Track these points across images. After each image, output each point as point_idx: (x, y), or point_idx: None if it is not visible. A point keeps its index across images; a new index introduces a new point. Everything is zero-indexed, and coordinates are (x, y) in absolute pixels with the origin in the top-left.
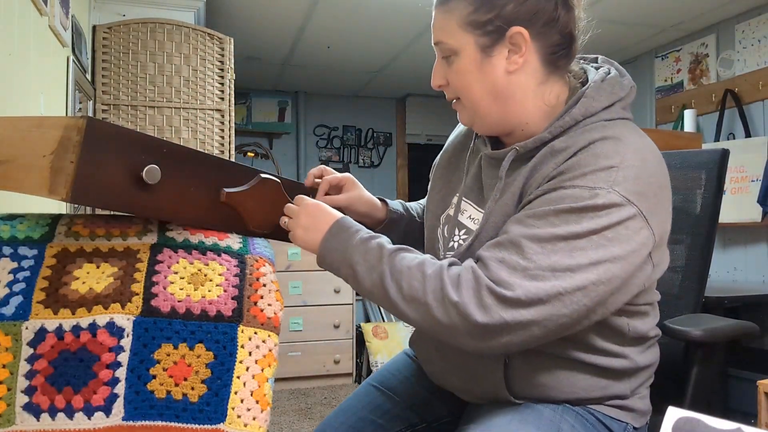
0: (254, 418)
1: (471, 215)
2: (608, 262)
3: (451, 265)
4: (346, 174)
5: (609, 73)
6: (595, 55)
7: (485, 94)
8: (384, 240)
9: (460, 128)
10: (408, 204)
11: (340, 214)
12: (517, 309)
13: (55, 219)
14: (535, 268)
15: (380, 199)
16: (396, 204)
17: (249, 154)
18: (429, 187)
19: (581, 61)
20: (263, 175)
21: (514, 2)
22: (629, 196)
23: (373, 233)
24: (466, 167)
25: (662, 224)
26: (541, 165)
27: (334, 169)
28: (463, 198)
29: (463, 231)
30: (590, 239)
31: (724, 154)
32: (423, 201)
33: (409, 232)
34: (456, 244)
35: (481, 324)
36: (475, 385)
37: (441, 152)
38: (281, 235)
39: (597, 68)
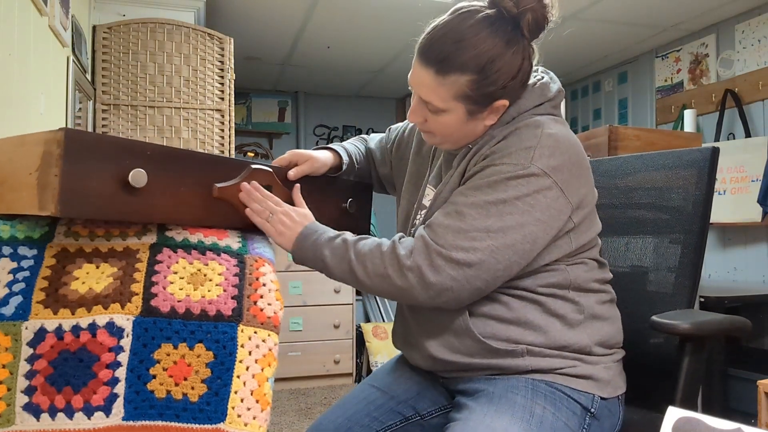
0: (254, 418)
1: (432, 197)
2: (531, 224)
3: (401, 239)
4: (295, 152)
5: (542, 79)
6: (536, 66)
7: (461, 138)
8: (347, 235)
9: None
10: (353, 153)
11: (308, 220)
12: (462, 267)
13: (54, 219)
14: (473, 230)
15: (331, 150)
16: (344, 155)
17: (249, 154)
18: (405, 180)
19: None
20: (254, 166)
21: (509, 79)
22: (546, 169)
23: (338, 232)
24: (431, 159)
25: (577, 193)
26: (480, 148)
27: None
28: (428, 185)
29: (423, 211)
30: (515, 205)
31: (714, 152)
32: (372, 143)
33: (360, 177)
34: (418, 221)
35: (434, 282)
36: (449, 338)
37: (413, 141)
38: None
39: (534, 76)
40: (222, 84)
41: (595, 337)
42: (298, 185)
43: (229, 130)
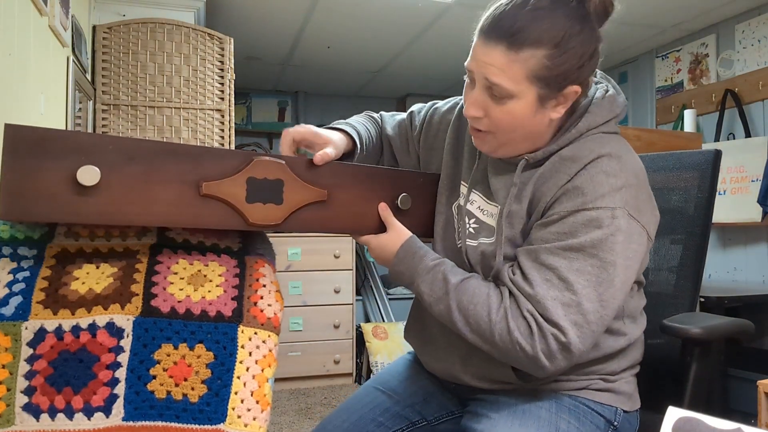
0: (254, 418)
1: (480, 206)
2: (631, 278)
3: (511, 299)
4: (305, 133)
5: (608, 91)
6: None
7: (524, 136)
8: (447, 268)
9: (458, 106)
10: (364, 138)
11: (404, 238)
12: (577, 347)
13: None
14: (586, 301)
15: (342, 132)
16: (357, 139)
17: (251, 151)
18: (441, 175)
19: None
20: (261, 157)
21: (587, 58)
22: (634, 214)
23: (436, 259)
24: (477, 157)
25: (653, 229)
26: (552, 173)
27: None
28: (473, 189)
29: (473, 220)
30: (621, 265)
31: (717, 155)
32: (388, 128)
33: (365, 160)
34: (467, 232)
35: (547, 366)
36: (480, 367)
37: (446, 130)
38: (295, 226)
39: (596, 83)
40: (222, 84)
41: (623, 364)
42: (384, 204)
43: (229, 130)
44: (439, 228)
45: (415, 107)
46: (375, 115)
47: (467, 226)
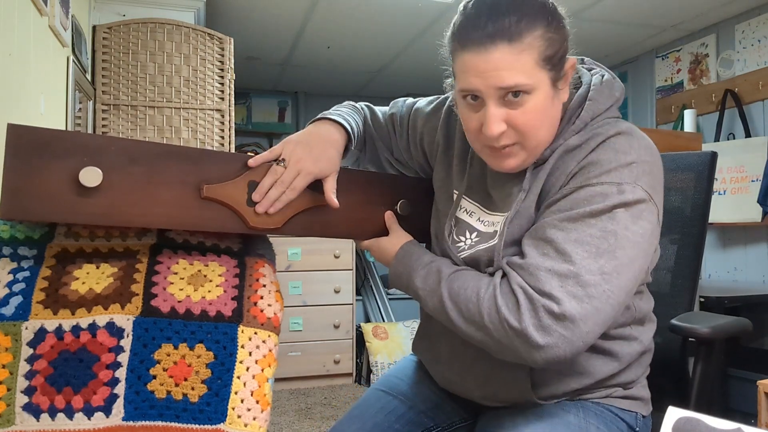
0: (254, 418)
1: (480, 218)
2: (640, 258)
3: (503, 278)
4: (308, 169)
5: (604, 76)
6: (580, 56)
7: (548, 130)
8: (443, 263)
9: (443, 107)
10: (356, 135)
11: (404, 241)
12: (576, 324)
13: None
14: (585, 272)
15: (335, 123)
16: (353, 138)
17: (249, 154)
18: (434, 175)
19: None
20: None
21: (568, 33)
22: (649, 191)
23: (433, 257)
24: (468, 165)
25: (661, 211)
26: (560, 163)
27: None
28: (469, 199)
29: (474, 234)
30: (626, 237)
31: (713, 157)
32: (372, 129)
33: (360, 160)
34: (468, 244)
35: (542, 345)
36: (498, 390)
37: (435, 127)
38: (296, 230)
39: (589, 70)
40: (222, 84)
41: (639, 372)
42: (390, 212)
43: (229, 131)
44: (433, 234)
45: (395, 107)
46: (358, 106)
47: (470, 240)
